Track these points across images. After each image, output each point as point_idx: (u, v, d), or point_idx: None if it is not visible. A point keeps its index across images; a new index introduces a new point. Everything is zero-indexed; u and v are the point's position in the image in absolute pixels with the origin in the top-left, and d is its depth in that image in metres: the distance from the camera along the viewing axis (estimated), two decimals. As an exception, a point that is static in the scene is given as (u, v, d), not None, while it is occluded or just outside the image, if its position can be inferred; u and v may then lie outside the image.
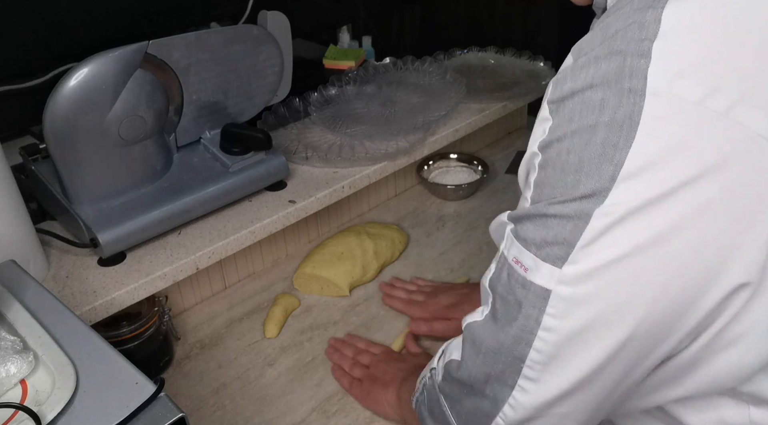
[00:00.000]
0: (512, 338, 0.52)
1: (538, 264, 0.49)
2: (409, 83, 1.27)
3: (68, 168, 0.83)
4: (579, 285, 0.47)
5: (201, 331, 0.95)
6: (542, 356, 0.50)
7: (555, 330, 0.49)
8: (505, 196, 1.23)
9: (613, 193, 0.44)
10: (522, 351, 0.51)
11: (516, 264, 0.51)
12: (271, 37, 0.97)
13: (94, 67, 0.78)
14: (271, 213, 0.97)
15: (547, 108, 0.49)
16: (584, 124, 0.45)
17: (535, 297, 0.49)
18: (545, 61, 1.39)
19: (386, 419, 0.79)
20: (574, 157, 0.46)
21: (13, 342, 0.56)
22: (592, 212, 0.45)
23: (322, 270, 1.00)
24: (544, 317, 0.49)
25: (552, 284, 0.48)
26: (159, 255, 0.88)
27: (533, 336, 0.50)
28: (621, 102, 0.43)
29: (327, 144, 1.12)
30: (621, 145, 0.43)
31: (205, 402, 0.83)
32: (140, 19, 1.06)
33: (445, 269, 1.05)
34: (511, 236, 0.52)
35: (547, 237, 0.48)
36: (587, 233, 0.45)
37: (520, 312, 0.51)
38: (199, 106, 0.94)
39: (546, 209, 0.48)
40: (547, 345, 0.50)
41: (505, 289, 0.52)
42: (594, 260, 0.46)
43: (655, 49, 0.43)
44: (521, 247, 0.50)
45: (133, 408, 0.49)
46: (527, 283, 0.50)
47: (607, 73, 0.44)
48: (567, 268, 0.47)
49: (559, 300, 0.48)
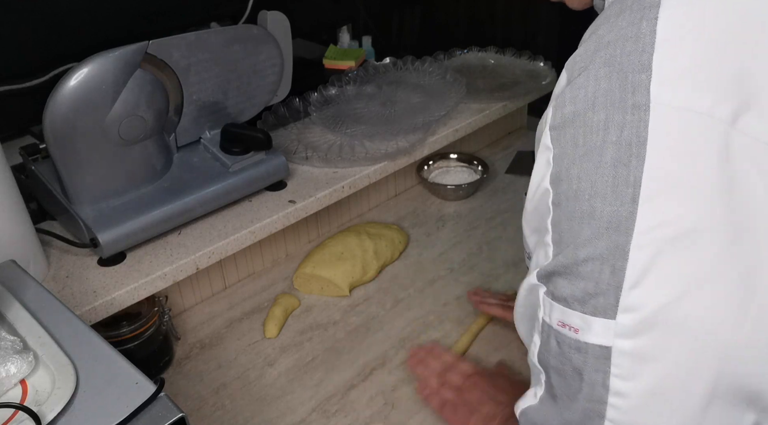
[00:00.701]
0: (581, 413, 0.46)
1: (589, 322, 0.43)
2: (409, 83, 1.27)
3: (68, 168, 0.83)
4: (640, 336, 0.42)
5: (201, 331, 0.95)
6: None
7: (627, 394, 0.43)
8: (505, 196, 1.23)
9: (641, 218, 0.41)
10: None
11: (563, 328, 0.45)
12: (271, 37, 0.97)
13: (94, 67, 0.78)
14: (271, 213, 0.97)
15: (548, 135, 0.46)
16: (591, 147, 0.43)
17: (596, 360, 0.43)
18: (545, 61, 1.39)
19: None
20: (587, 183, 0.43)
21: (13, 342, 0.56)
22: (627, 245, 0.41)
23: (322, 270, 1.00)
24: (611, 380, 0.43)
25: (610, 340, 0.42)
26: (159, 255, 0.88)
27: (604, 406, 0.44)
28: (625, 119, 0.42)
29: (327, 144, 1.12)
30: (634, 163, 0.41)
31: (205, 402, 0.83)
32: (140, 19, 1.06)
33: (445, 269, 1.05)
34: (547, 299, 0.47)
35: (588, 289, 0.43)
36: (631, 271, 0.41)
37: (582, 380, 0.45)
38: (199, 106, 0.94)
39: (575, 254, 0.43)
40: (622, 414, 0.44)
41: (558, 360, 0.47)
42: (649, 302, 0.41)
43: (655, 62, 0.41)
44: (563, 308, 0.45)
45: (133, 408, 0.49)
46: (582, 346, 0.44)
47: (608, 92, 0.43)
48: (621, 318, 0.42)
49: (622, 356, 0.42)
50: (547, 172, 0.46)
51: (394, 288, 1.02)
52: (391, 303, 0.99)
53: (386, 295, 1.00)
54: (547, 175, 0.46)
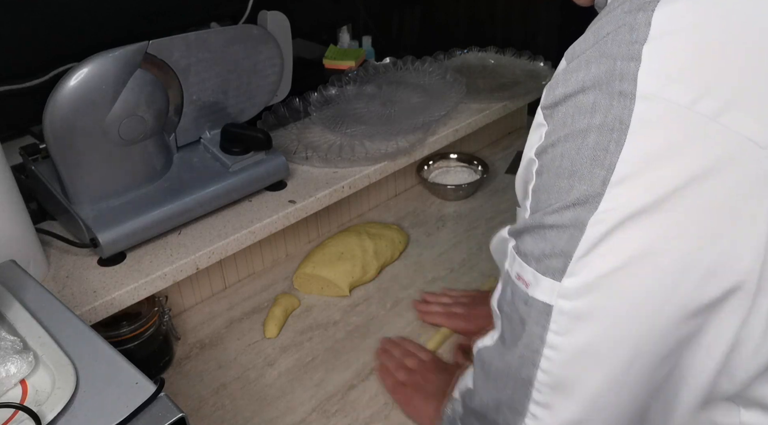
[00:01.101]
0: (518, 358, 0.50)
1: (539, 279, 0.47)
2: (409, 83, 1.27)
3: (68, 168, 0.83)
4: (579, 299, 0.46)
5: (201, 331, 0.95)
6: (550, 377, 0.48)
7: (560, 349, 0.47)
8: (505, 195, 1.23)
9: (606, 199, 0.43)
10: (529, 372, 0.49)
11: (518, 281, 0.49)
12: (271, 37, 0.97)
13: (94, 67, 0.78)
14: (271, 213, 0.97)
15: (541, 113, 0.49)
16: (576, 128, 0.45)
17: (538, 314, 0.48)
18: (545, 61, 1.39)
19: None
20: (567, 162, 0.45)
21: (13, 342, 0.56)
22: (587, 220, 0.44)
23: (322, 270, 1.00)
24: (548, 334, 0.47)
25: (553, 299, 0.46)
26: (159, 255, 0.88)
27: (539, 356, 0.48)
28: (612, 105, 0.43)
29: (327, 144, 1.12)
30: (612, 148, 0.43)
31: (205, 402, 0.83)
32: (140, 19, 1.06)
33: (445, 269, 1.05)
34: (512, 252, 0.51)
35: (546, 250, 0.47)
36: (583, 243, 0.44)
37: (524, 330, 0.49)
38: (199, 106, 0.94)
39: (543, 219, 0.47)
40: (553, 365, 0.48)
41: (510, 308, 0.51)
42: (591, 271, 0.45)
43: (645, 52, 0.43)
44: (522, 262, 0.49)
45: (133, 408, 0.49)
46: (529, 299, 0.48)
47: (597, 76, 0.44)
48: (566, 281, 0.46)
49: (561, 315, 0.46)
50: (537, 144, 0.49)
51: (394, 288, 1.02)
52: (391, 303, 0.99)
53: (386, 295, 1.00)
54: (536, 146, 0.49)
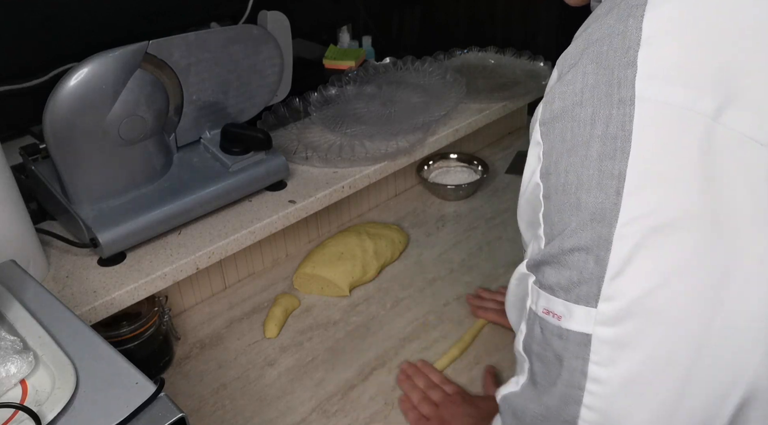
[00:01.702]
0: (558, 398, 0.46)
1: (571, 309, 0.44)
2: (409, 83, 1.27)
3: (68, 168, 0.83)
4: (620, 324, 0.43)
5: (201, 331, 0.95)
6: (596, 414, 0.45)
7: (604, 381, 0.44)
8: (505, 196, 1.23)
9: (624, 210, 0.42)
10: (572, 412, 0.46)
11: (547, 315, 0.47)
12: (271, 37, 0.97)
13: (94, 67, 0.78)
14: (271, 213, 0.97)
15: (538, 131, 0.48)
16: (578, 141, 0.44)
17: (576, 346, 0.44)
18: (545, 61, 1.39)
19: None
20: (573, 177, 0.44)
21: (13, 342, 0.56)
22: (610, 236, 0.42)
23: (322, 270, 1.00)
24: (590, 366, 0.44)
25: (590, 327, 0.43)
26: (159, 255, 0.88)
27: (582, 392, 0.45)
28: (611, 114, 0.42)
29: (327, 144, 1.12)
30: (618, 156, 0.42)
31: (205, 402, 0.83)
32: (140, 19, 1.06)
33: (445, 269, 1.05)
34: (535, 288, 0.48)
35: (573, 277, 0.44)
36: (613, 261, 0.42)
37: (562, 366, 0.46)
38: (199, 106, 0.94)
39: (561, 244, 0.45)
40: (599, 400, 0.44)
41: (540, 346, 0.48)
42: (628, 292, 0.42)
43: (641, 58, 0.42)
44: (549, 296, 0.46)
45: (133, 408, 0.49)
46: (564, 332, 0.45)
47: (595, 87, 0.44)
48: (602, 306, 0.43)
49: (601, 344, 0.43)
50: (537, 167, 0.47)
51: (394, 288, 1.02)
52: (391, 303, 0.99)
53: (386, 295, 1.00)
54: (537, 169, 0.47)
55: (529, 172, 0.49)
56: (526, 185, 0.49)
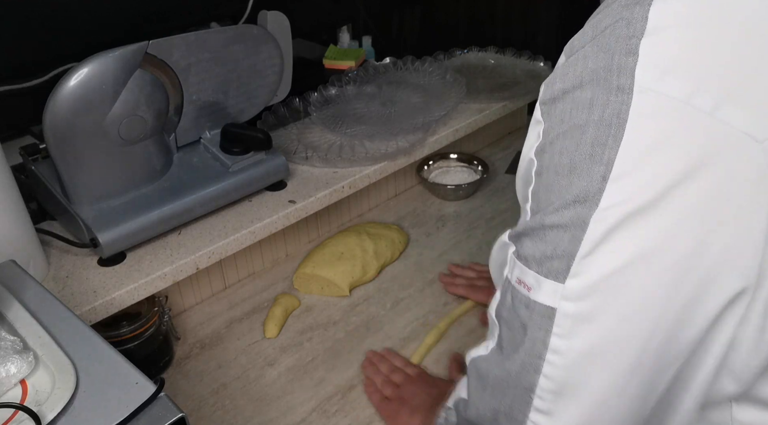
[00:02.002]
0: (519, 365, 0.48)
1: (541, 282, 0.46)
2: (409, 83, 1.27)
3: (68, 168, 0.83)
4: (584, 300, 0.44)
5: (201, 331, 0.95)
6: (553, 383, 0.47)
7: (563, 352, 0.46)
8: (505, 196, 1.23)
9: (606, 195, 0.43)
10: (531, 379, 0.48)
11: (519, 285, 0.48)
12: (271, 37, 0.97)
13: (94, 67, 0.78)
14: (271, 213, 0.97)
15: (539, 110, 0.48)
16: (574, 124, 0.44)
17: (540, 318, 0.46)
18: (545, 61, 1.39)
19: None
20: (566, 159, 0.45)
21: (13, 342, 0.56)
22: (588, 218, 0.43)
23: (322, 270, 1.00)
24: (551, 338, 0.46)
25: (556, 301, 0.45)
26: (159, 255, 0.88)
27: (541, 361, 0.47)
28: (609, 100, 0.43)
29: (327, 144, 1.12)
30: (610, 143, 0.42)
31: (205, 402, 0.83)
32: (140, 19, 1.06)
33: (445, 269, 1.05)
34: (513, 258, 0.50)
35: (547, 251, 0.46)
36: (586, 242, 0.43)
37: (525, 335, 0.47)
38: (199, 106, 0.94)
39: (543, 220, 0.46)
40: (556, 370, 0.46)
41: (509, 314, 0.50)
42: (595, 271, 0.44)
43: (643, 47, 0.42)
44: (523, 267, 0.48)
45: (133, 408, 0.49)
46: (531, 303, 0.47)
47: (595, 71, 0.44)
48: (569, 282, 0.44)
49: (564, 318, 0.45)
50: (535, 144, 0.48)
51: (394, 288, 1.02)
52: (391, 303, 0.99)
53: (386, 295, 1.00)
54: (534, 146, 0.48)
55: (527, 148, 0.50)
56: (523, 160, 0.51)
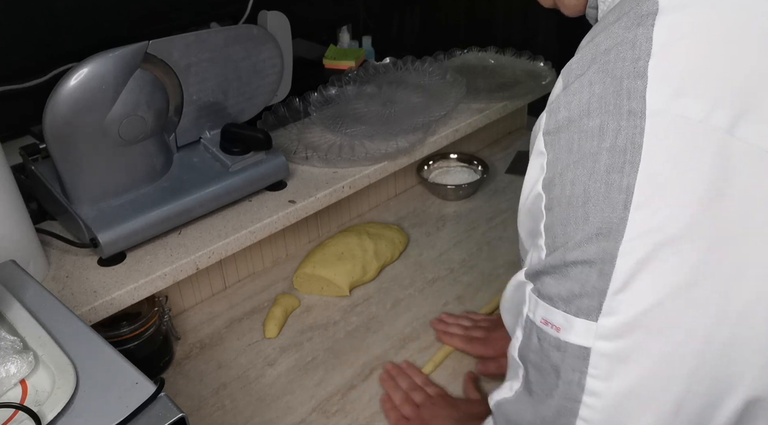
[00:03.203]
0: (555, 410, 0.46)
1: (571, 321, 0.44)
2: (409, 83, 1.27)
3: (68, 168, 0.83)
4: (620, 339, 0.42)
5: (201, 331, 0.95)
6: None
7: (602, 395, 0.44)
8: (505, 196, 1.23)
9: (631, 225, 0.41)
10: (568, 424, 0.46)
11: (546, 326, 0.46)
12: (271, 37, 0.97)
13: (94, 67, 0.78)
14: (271, 213, 0.97)
15: (542, 140, 0.46)
16: (585, 153, 0.43)
17: (574, 359, 0.44)
18: (545, 61, 1.39)
19: None
20: (580, 189, 0.43)
21: (13, 342, 0.56)
22: (615, 251, 0.41)
23: (322, 270, 1.00)
24: (587, 380, 0.44)
25: (590, 341, 0.43)
26: (159, 255, 0.88)
27: (578, 404, 0.45)
28: (621, 126, 0.41)
29: (327, 144, 1.12)
30: (627, 170, 0.41)
31: (205, 402, 0.83)
32: (140, 19, 1.06)
33: (445, 269, 1.05)
34: (533, 296, 0.48)
35: (574, 290, 0.44)
36: (617, 276, 0.41)
37: (559, 378, 0.45)
38: (199, 106, 0.94)
39: (564, 256, 0.44)
40: (595, 414, 0.44)
41: (537, 356, 0.47)
42: (631, 307, 0.42)
43: (651, 69, 0.41)
44: (548, 306, 0.46)
45: (133, 408, 0.49)
46: (562, 344, 0.45)
47: (602, 98, 0.43)
48: (603, 320, 0.42)
49: (600, 358, 0.43)
50: (540, 177, 0.46)
51: (394, 288, 1.02)
52: (391, 303, 0.99)
53: (386, 295, 1.00)
54: (540, 179, 0.46)
55: (531, 182, 0.48)
56: (527, 194, 0.49)
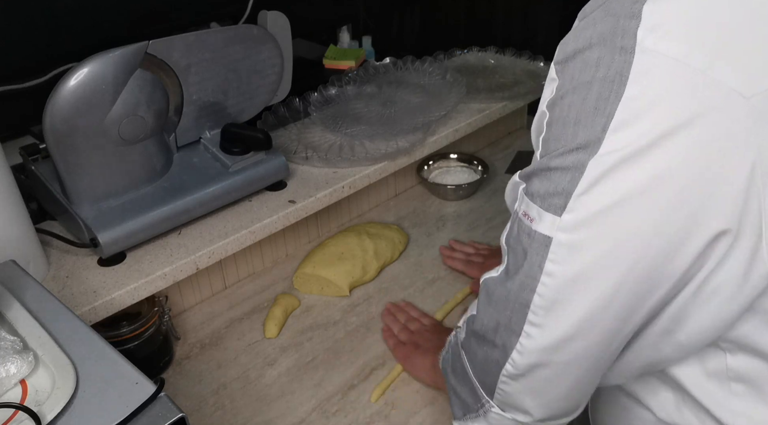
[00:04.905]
0: (518, 285, 0.56)
1: (542, 215, 0.53)
2: (409, 83, 1.27)
3: (68, 168, 0.83)
4: (576, 232, 0.51)
5: (201, 331, 0.95)
6: (545, 300, 0.54)
7: (555, 275, 0.53)
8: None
9: (605, 143, 0.48)
10: (527, 296, 0.55)
11: (524, 217, 0.55)
12: (271, 37, 0.97)
13: (94, 67, 0.78)
14: (271, 213, 0.97)
15: (554, 69, 0.53)
16: (582, 81, 0.49)
17: (539, 245, 0.53)
18: (545, 61, 1.39)
19: (422, 383, 0.84)
20: (573, 112, 0.50)
21: (13, 342, 0.56)
22: (587, 162, 0.49)
23: (322, 270, 1.00)
24: (546, 263, 0.53)
25: (553, 232, 0.52)
26: (159, 255, 0.88)
27: (536, 282, 0.54)
28: (613, 59, 0.47)
29: (327, 144, 1.12)
30: (612, 98, 0.47)
31: (205, 402, 0.83)
32: (140, 19, 1.06)
33: (445, 269, 1.05)
34: (522, 194, 0.56)
35: (550, 189, 0.52)
36: (582, 182, 0.49)
37: (525, 259, 0.55)
38: (199, 106, 0.94)
39: (549, 162, 0.52)
40: (549, 290, 0.53)
41: (515, 241, 0.57)
42: (588, 208, 0.50)
43: (645, 11, 0.47)
44: (529, 201, 0.54)
45: (133, 408, 0.49)
46: (532, 232, 0.54)
47: (602, 34, 0.49)
48: (565, 216, 0.51)
49: (559, 246, 0.52)
50: (548, 98, 0.54)
51: (394, 288, 1.02)
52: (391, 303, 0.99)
53: (386, 295, 1.00)
54: (548, 99, 0.54)
55: (542, 101, 0.55)
56: (539, 112, 0.56)
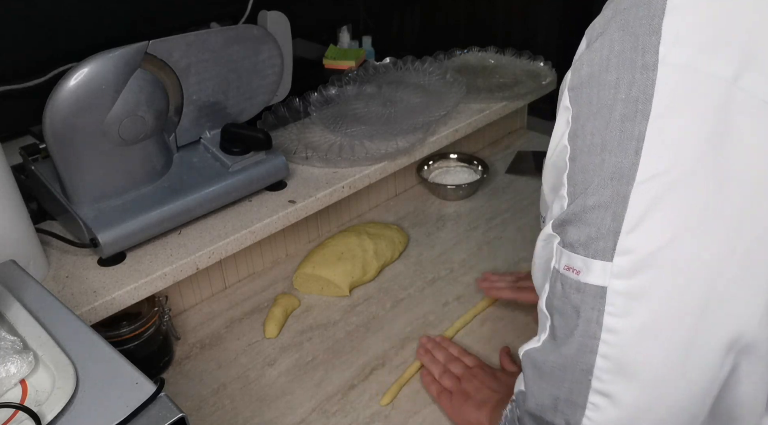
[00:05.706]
0: (575, 348, 0.49)
1: (589, 264, 0.47)
2: (409, 83, 1.27)
3: (68, 168, 0.83)
4: (634, 277, 0.45)
5: (201, 331, 0.95)
6: (610, 362, 0.47)
7: (618, 331, 0.46)
8: (505, 196, 1.23)
9: (642, 169, 0.44)
10: (587, 360, 0.48)
11: (568, 271, 0.49)
12: (271, 37, 0.97)
13: (94, 67, 0.78)
14: (271, 213, 0.97)
15: (567, 96, 0.50)
16: (603, 105, 0.46)
17: (592, 298, 0.47)
18: (545, 61, 1.39)
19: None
20: (598, 138, 0.46)
21: (13, 342, 0.56)
22: (628, 193, 0.44)
23: (322, 270, 1.00)
24: (605, 317, 0.46)
25: (606, 280, 0.46)
26: (159, 255, 0.88)
27: (597, 341, 0.47)
28: (635, 78, 0.45)
29: (327, 144, 1.12)
30: (639, 119, 0.44)
31: (205, 402, 0.83)
32: (140, 19, 1.06)
33: (445, 269, 1.05)
34: (559, 248, 0.50)
35: (591, 233, 0.47)
36: (629, 217, 0.44)
37: (579, 318, 0.48)
38: (199, 106, 0.94)
39: (584, 202, 0.47)
40: (613, 349, 0.47)
41: (561, 301, 0.50)
42: (643, 246, 0.44)
43: (665, 26, 0.45)
44: (570, 253, 0.49)
45: (133, 408, 0.49)
46: (581, 286, 0.47)
47: (621, 53, 0.46)
48: (617, 260, 0.45)
49: (616, 295, 0.46)
50: (566, 131, 0.50)
51: (394, 288, 1.02)
52: (391, 303, 0.99)
53: (386, 295, 1.00)
54: (566, 133, 0.50)
55: (558, 136, 0.51)
56: (554, 148, 0.52)
